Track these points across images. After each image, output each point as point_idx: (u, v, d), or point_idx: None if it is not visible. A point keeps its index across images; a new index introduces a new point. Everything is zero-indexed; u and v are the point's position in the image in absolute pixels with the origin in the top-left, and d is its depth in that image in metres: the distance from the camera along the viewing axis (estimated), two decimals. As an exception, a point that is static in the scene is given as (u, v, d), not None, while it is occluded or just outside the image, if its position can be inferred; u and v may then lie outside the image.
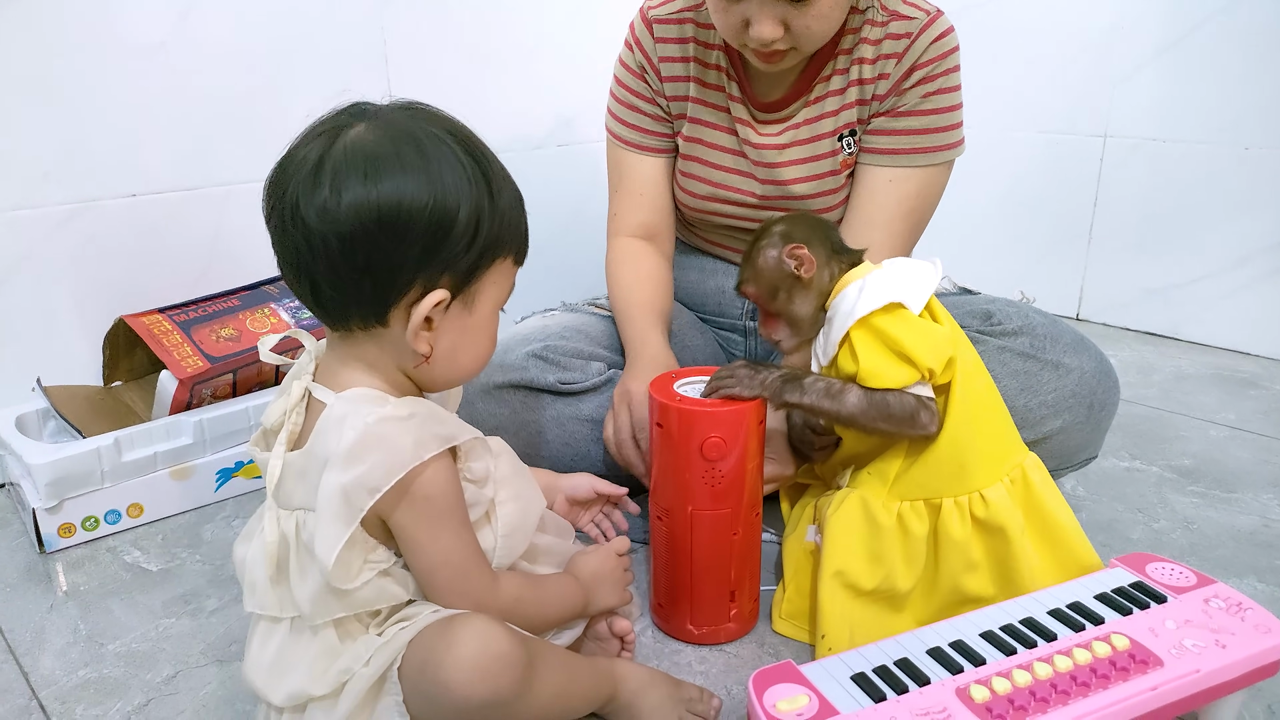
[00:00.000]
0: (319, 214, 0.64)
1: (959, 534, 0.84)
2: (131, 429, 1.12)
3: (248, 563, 0.71)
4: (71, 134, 1.24)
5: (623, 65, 1.18)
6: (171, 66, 1.30)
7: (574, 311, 1.20)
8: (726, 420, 0.81)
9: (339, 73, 1.47)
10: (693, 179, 1.17)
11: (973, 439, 0.85)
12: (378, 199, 0.64)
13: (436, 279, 0.67)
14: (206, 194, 1.37)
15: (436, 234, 0.66)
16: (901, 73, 1.05)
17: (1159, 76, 1.70)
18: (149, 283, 1.31)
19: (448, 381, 0.75)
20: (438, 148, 0.67)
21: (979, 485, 0.85)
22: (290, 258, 0.67)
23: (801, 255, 0.86)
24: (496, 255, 0.70)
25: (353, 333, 0.69)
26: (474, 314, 0.71)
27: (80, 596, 1.00)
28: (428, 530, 0.68)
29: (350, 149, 0.65)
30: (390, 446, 0.65)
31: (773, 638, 0.90)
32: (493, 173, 0.69)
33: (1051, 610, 0.78)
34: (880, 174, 1.09)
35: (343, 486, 0.64)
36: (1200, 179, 1.68)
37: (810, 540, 0.92)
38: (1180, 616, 0.76)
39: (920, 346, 0.81)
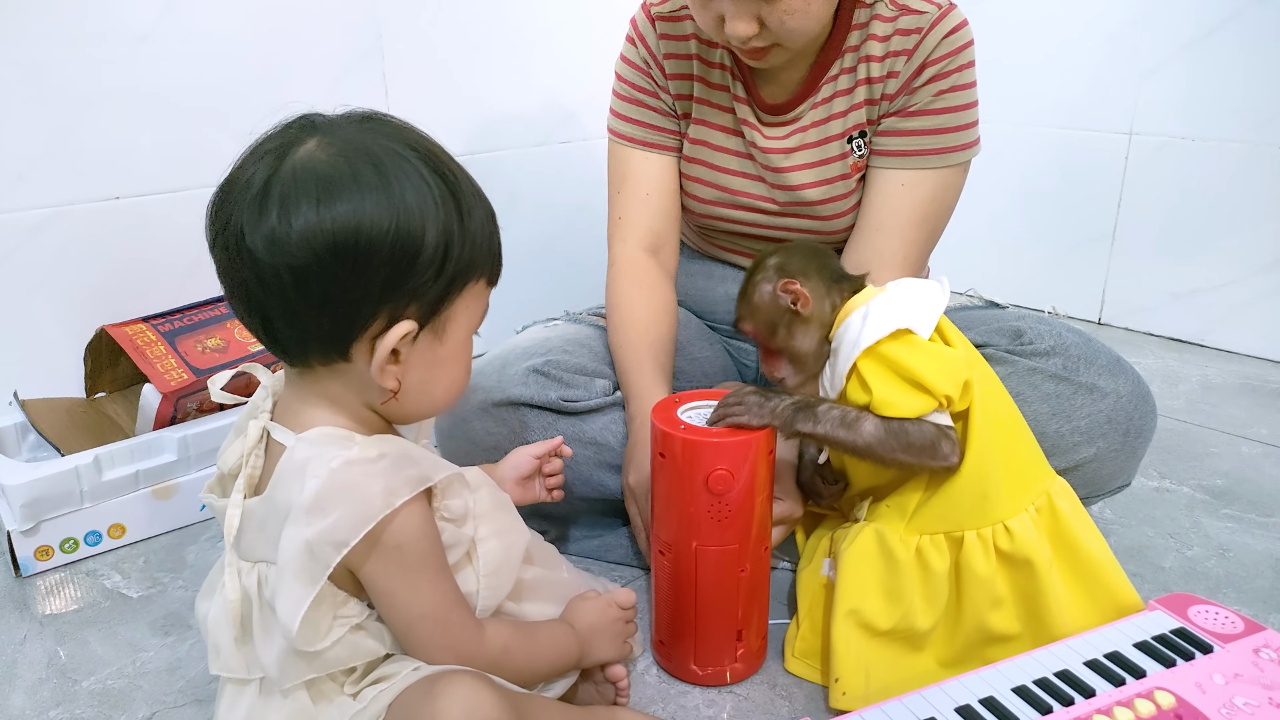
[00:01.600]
0: (267, 244, 0.58)
1: (983, 569, 0.79)
2: (112, 446, 1.07)
3: (210, 622, 0.66)
4: (49, 133, 1.19)
5: (625, 61, 1.12)
6: (156, 60, 1.25)
7: (577, 323, 1.14)
8: (733, 451, 0.76)
9: (333, 67, 1.41)
10: (698, 183, 1.11)
11: (995, 467, 0.79)
12: (332, 225, 0.57)
13: (402, 309, 0.61)
14: (193, 196, 1.31)
15: (401, 262, 0.59)
16: (912, 70, 0.99)
17: (1188, 71, 1.63)
18: (132, 290, 1.26)
19: (419, 415, 0.69)
20: (398, 165, 0.60)
21: (1003, 516, 0.79)
22: (239, 291, 0.61)
23: (796, 290, 0.82)
24: (468, 280, 0.64)
25: (312, 368, 0.64)
26: (445, 343, 0.65)
27: (56, 625, 0.95)
28: (403, 582, 0.62)
29: (300, 169, 0.59)
30: (357, 495, 0.59)
31: (785, 678, 0.85)
32: (461, 190, 0.63)
33: (1089, 661, 0.72)
34: (893, 177, 1.03)
35: (307, 542, 0.58)
36: (1230, 179, 1.61)
37: (825, 575, 0.86)
38: (1229, 669, 0.71)
39: (934, 372, 0.75)
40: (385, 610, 0.63)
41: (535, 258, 1.69)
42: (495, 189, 0.69)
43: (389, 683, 0.62)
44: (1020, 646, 0.78)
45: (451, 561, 0.67)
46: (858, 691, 0.78)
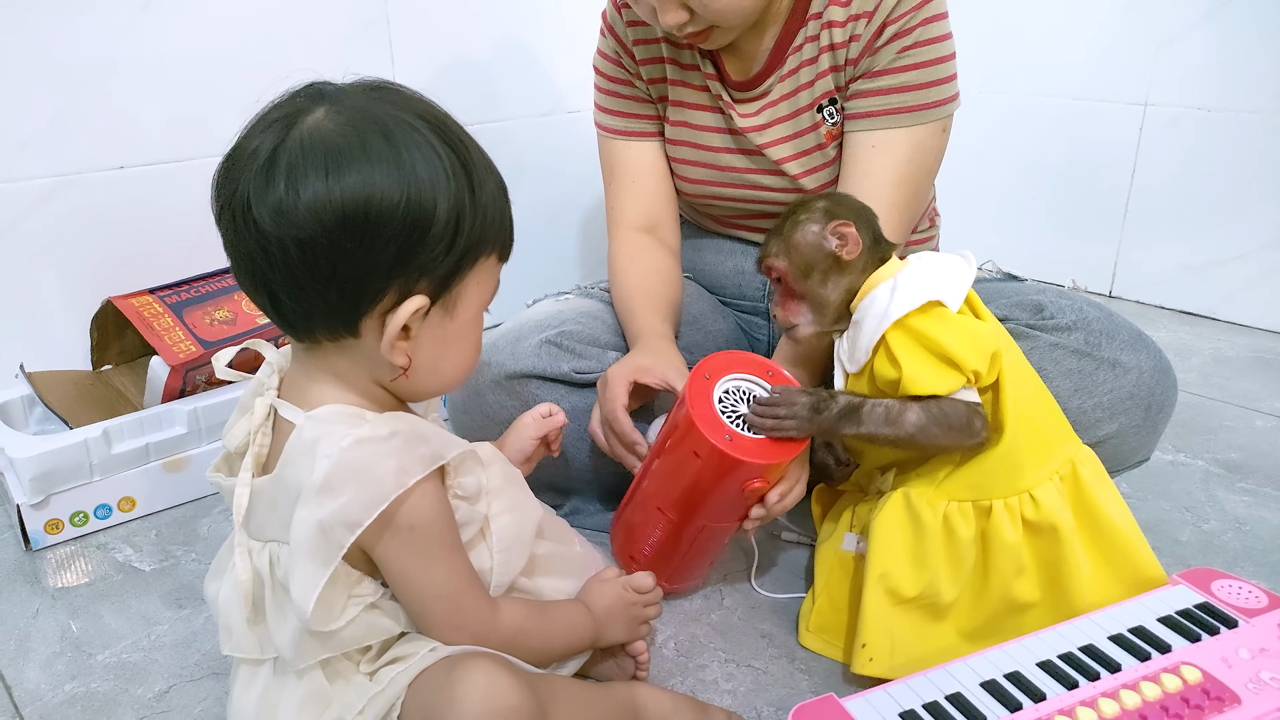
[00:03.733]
0: (274, 216, 0.56)
1: (1010, 538, 0.77)
2: (121, 419, 1.06)
3: (220, 602, 0.65)
4: (52, 102, 1.16)
5: (600, 55, 1.13)
6: (160, 29, 1.22)
7: (588, 296, 1.13)
8: (773, 470, 0.79)
9: (339, 34, 1.38)
10: (688, 164, 1.11)
11: (1023, 437, 0.78)
12: (341, 197, 0.56)
13: (413, 285, 0.59)
14: (199, 165, 1.29)
15: (411, 235, 0.58)
16: (873, 31, 0.97)
17: (1205, 41, 1.60)
18: (139, 260, 1.24)
19: (429, 392, 0.68)
20: (409, 136, 0.58)
21: (1029, 485, 0.78)
22: (244, 264, 0.59)
23: (848, 233, 0.80)
24: (479, 255, 0.62)
25: (320, 344, 0.62)
26: (456, 319, 0.63)
27: (69, 599, 0.95)
28: (416, 562, 0.61)
29: (308, 139, 0.57)
30: (369, 475, 0.58)
31: (803, 653, 0.85)
32: (473, 162, 0.61)
33: (1113, 635, 0.72)
34: (864, 140, 1.01)
35: (319, 522, 0.57)
36: (1246, 151, 1.59)
37: (847, 549, 0.86)
38: (1255, 644, 0.70)
39: (964, 348, 0.74)
40: (400, 590, 0.63)
41: (544, 228, 1.67)
42: (503, 159, 0.67)
43: (406, 663, 0.61)
44: (1041, 616, 0.78)
45: (465, 539, 0.66)
46: (883, 658, 0.78)
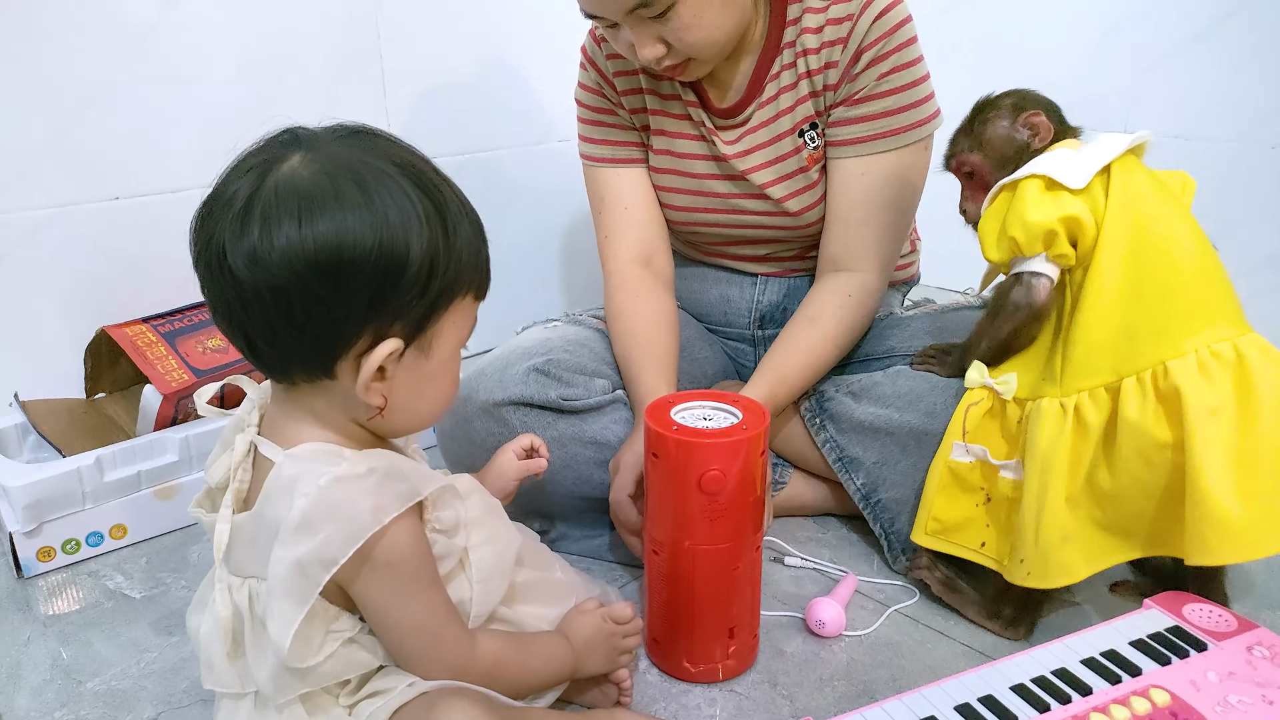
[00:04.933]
0: (248, 262, 0.57)
1: (1133, 415, 0.78)
2: (114, 447, 1.07)
3: (201, 637, 0.66)
4: (49, 132, 1.18)
5: (581, 87, 1.16)
6: (156, 60, 1.24)
7: (577, 324, 1.15)
8: (726, 452, 0.77)
9: (332, 65, 1.41)
10: (671, 191, 1.14)
11: (1144, 308, 0.80)
12: (314, 244, 0.57)
13: (387, 328, 0.61)
14: (192, 196, 1.29)
15: (385, 280, 0.59)
16: (849, 58, 1.00)
17: (1184, 69, 1.63)
18: (133, 290, 1.26)
19: (407, 430, 0.69)
20: (382, 181, 0.59)
21: (1164, 356, 0.79)
22: (221, 308, 0.61)
23: (1038, 123, 0.87)
24: (454, 296, 0.63)
25: (297, 385, 0.63)
26: (432, 359, 0.64)
27: (59, 627, 0.95)
28: (394, 597, 0.62)
29: (282, 186, 0.58)
30: (346, 513, 0.59)
31: (785, 678, 0.86)
32: (447, 206, 0.62)
33: (1085, 659, 0.73)
34: (851, 166, 1.04)
35: (296, 560, 0.58)
36: (1226, 178, 1.61)
37: (956, 459, 0.90)
38: (1223, 667, 0.72)
39: (1016, 218, 0.81)
40: (377, 625, 0.64)
41: (535, 256, 1.69)
42: (496, 187, 0.69)
43: (385, 697, 0.62)
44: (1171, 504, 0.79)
45: (444, 571, 0.67)
46: (1039, 572, 0.83)
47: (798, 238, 1.14)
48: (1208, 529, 0.75)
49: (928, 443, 0.97)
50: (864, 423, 1.02)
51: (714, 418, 0.82)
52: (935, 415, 0.97)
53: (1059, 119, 0.88)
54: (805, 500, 1.13)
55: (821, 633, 0.90)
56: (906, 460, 1.00)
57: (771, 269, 1.19)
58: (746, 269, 1.20)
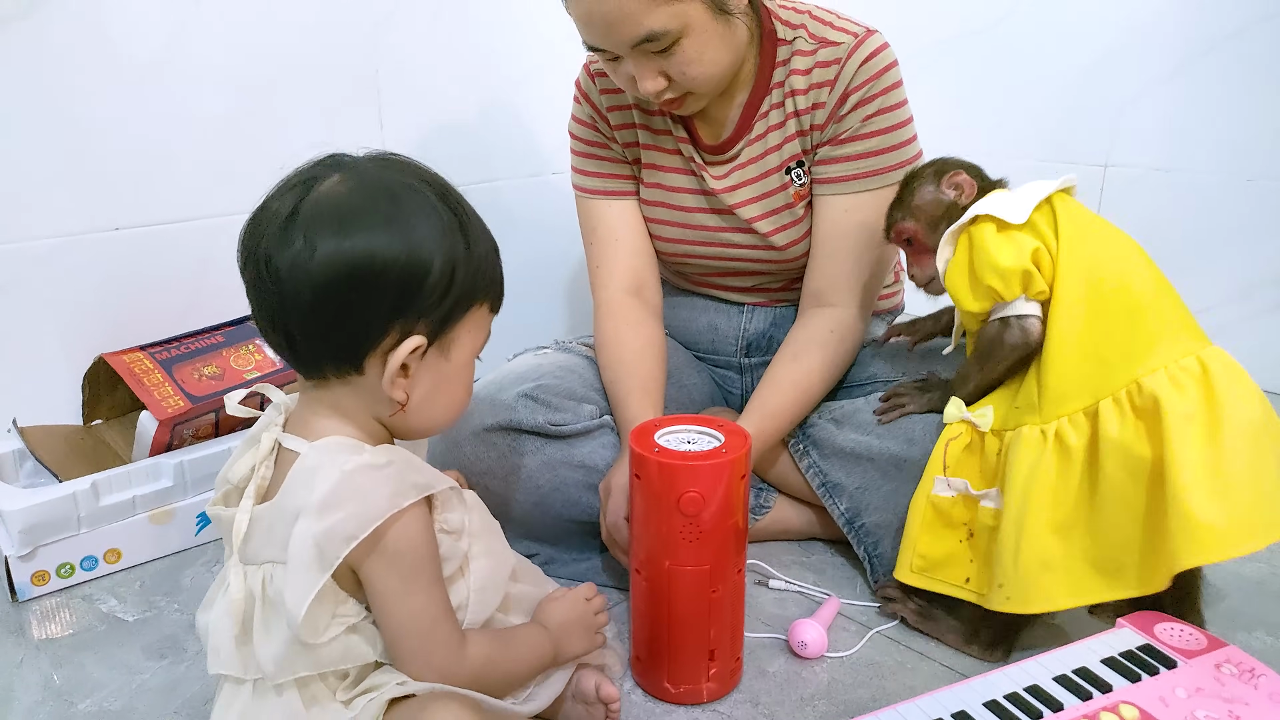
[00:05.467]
0: (291, 267, 0.64)
1: (1114, 433, 0.81)
2: (110, 472, 1.09)
3: (211, 628, 0.69)
4: (54, 165, 1.22)
5: (575, 120, 1.19)
6: (159, 95, 1.28)
7: (567, 351, 1.17)
8: (706, 474, 0.79)
9: (332, 99, 1.44)
10: (664, 224, 1.16)
11: (1109, 333, 0.84)
12: (350, 251, 0.63)
13: (412, 326, 0.67)
14: (193, 227, 1.34)
15: (409, 284, 0.65)
16: (836, 100, 1.03)
17: (1162, 105, 1.68)
18: (132, 318, 1.29)
19: (423, 430, 0.73)
20: (412, 198, 0.66)
21: (1136, 376, 0.82)
22: (264, 309, 0.67)
23: (961, 181, 0.91)
24: (472, 303, 0.70)
25: (327, 381, 0.69)
26: (450, 361, 0.71)
27: (52, 649, 0.97)
28: (399, 586, 0.66)
29: (323, 201, 0.65)
30: (365, 495, 0.64)
31: (767, 697, 0.87)
32: (468, 222, 0.69)
33: (1057, 676, 0.75)
34: (836, 204, 1.07)
35: (316, 535, 0.62)
36: (1203, 210, 1.65)
37: (939, 494, 0.91)
38: (1191, 684, 0.73)
39: (987, 266, 0.85)
40: (379, 612, 0.67)
41: (529, 285, 1.72)
42: (491, 218, 0.73)
43: (378, 693, 0.65)
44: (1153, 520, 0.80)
45: (446, 574, 0.70)
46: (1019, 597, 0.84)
47: (784, 270, 1.16)
48: (1182, 530, 0.77)
49: (908, 469, 0.99)
50: (846, 449, 1.05)
51: (697, 441, 0.84)
52: (914, 442, 0.99)
53: (981, 176, 0.94)
54: (790, 525, 1.14)
55: (804, 654, 0.91)
56: (888, 485, 1.02)
57: (758, 299, 1.22)
58: (733, 299, 1.23)
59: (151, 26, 1.25)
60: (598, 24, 0.94)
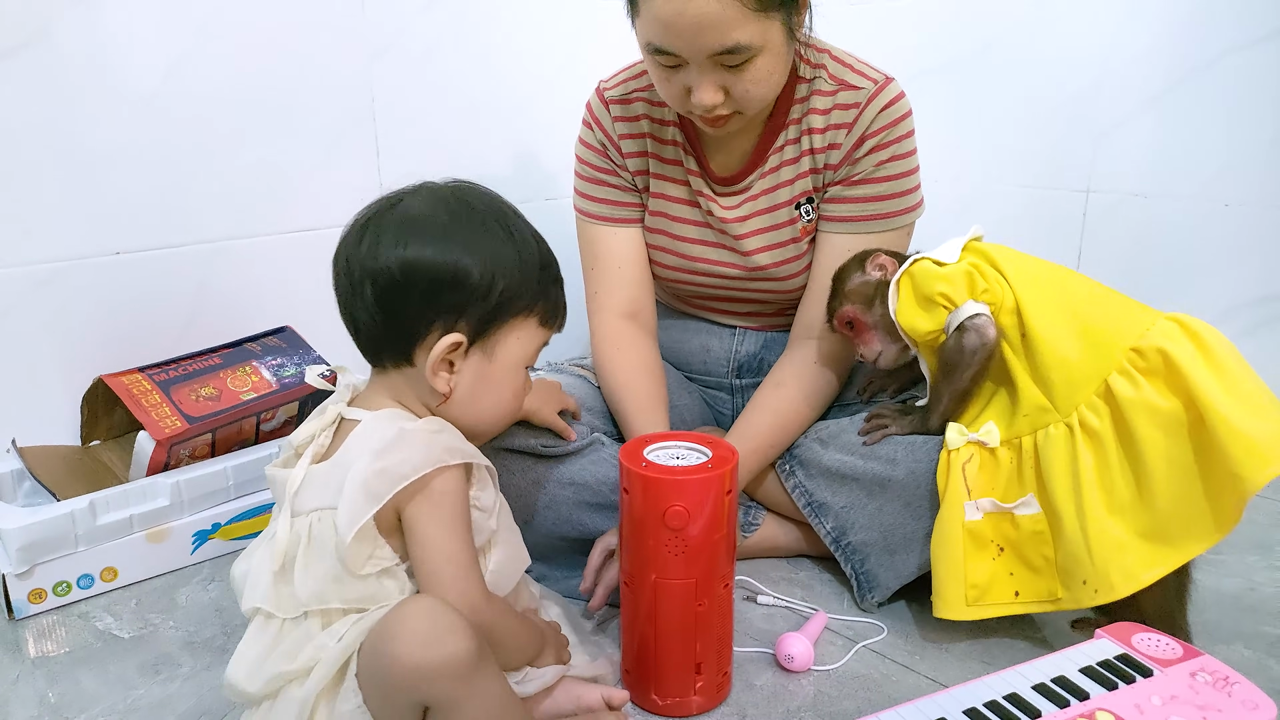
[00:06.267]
0: (360, 266, 0.75)
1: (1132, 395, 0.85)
2: (107, 491, 1.11)
3: (250, 570, 0.75)
4: (54, 191, 1.24)
5: (583, 144, 1.19)
6: (158, 122, 1.31)
7: (559, 373, 1.19)
8: (691, 489, 0.80)
9: (328, 129, 1.48)
10: (661, 251, 1.18)
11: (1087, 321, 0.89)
12: (407, 255, 0.74)
13: (454, 325, 0.76)
14: (191, 251, 1.37)
15: (452, 287, 0.75)
16: (853, 142, 1.06)
17: (1141, 132, 1.72)
18: (131, 341, 1.31)
19: (471, 425, 0.80)
20: (467, 216, 0.77)
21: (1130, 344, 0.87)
22: (342, 300, 0.79)
23: (883, 261, 0.98)
24: (516, 312, 0.78)
25: (386, 369, 0.79)
26: (494, 363, 0.79)
27: (48, 666, 0.98)
28: (441, 528, 0.73)
29: (393, 215, 0.76)
30: (419, 446, 0.73)
31: (754, 709, 0.88)
32: (519, 241, 0.79)
33: (1036, 685, 0.76)
34: (840, 242, 1.10)
35: (371, 473, 0.70)
36: (1182, 234, 1.69)
37: (972, 519, 0.93)
38: (1166, 692, 0.75)
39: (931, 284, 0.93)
40: (419, 550, 0.73)
41: (520, 310, 1.75)
42: None
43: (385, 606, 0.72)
44: None
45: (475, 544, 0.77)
46: (1106, 588, 0.87)
47: (781, 300, 1.19)
48: (1243, 451, 0.81)
49: (891, 488, 1.02)
50: (831, 469, 1.07)
51: (685, 457, 0.86)
52: (895, 463, 1.02)
53: (899, 255, 1.02)
54: (778, 542, 1.16)
55: (790, 667, 0.93)
56: (872, 504, 1.04)
57: (752, 324, 1.24)
58: (727, 322, 1.25)
59: (153, 56, 1.29)
60: (685, 26, 0.92)
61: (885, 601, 1.05)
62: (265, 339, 1.33)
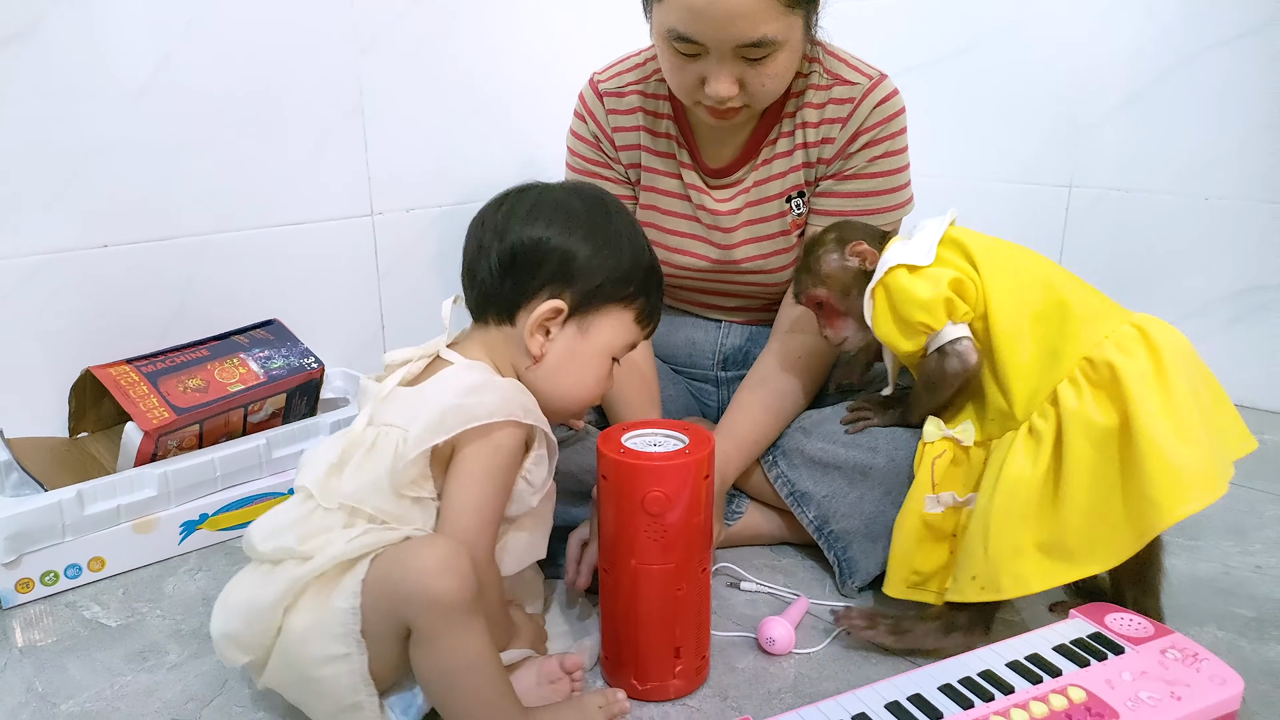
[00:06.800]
0: (493, 228, 0.85)
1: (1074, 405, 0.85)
2: (94, 481, 1.11)
3: (314, 456, 0.83)
4: (43, 184, 1.25)
5: (576, 136, 1.19)
6: (148, 116, 1.32)
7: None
8: (670, 474, 0.81)
9: (316, 125, 1.48)
10: (652, 244, 1.19)
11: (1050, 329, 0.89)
12: (530, 232, 0.83)
13: (559, 293, 0.83)
14: (178, 244, 1.37)
15: (563, 262, 0.83)
16: (846, 137, 1.07)
17: (1122, 128, 1.74)
18: (119, 333, 1.31)
19: (550, 396, 0.86)
20: (587, 210, 0.85)
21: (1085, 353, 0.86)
22: (466, 257, 0.87)
23: (863, 250, 0.96)
24: (614, 299, 0.86)
25: (488, 324, 0.86)
26: (587, 339, 0.85)
27: (35, 654, 0.98)
28: (480, 474, 0.78)
29: (524, 197, 0.86)
30: (501, 396, 0.79)
31: (735, 691, 0.90)
32: (636, 240, 0.88)
33: (1010, 663, 0.78)
34: None
35: (451, 407, 0.77)
36: (1163, 228, 1.71)
37: (930, 510, 0.94)
38: (1137, 668, 0.76)
39: (910, 305, 0.91)
40: (452, 488, 0.78)
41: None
42: None
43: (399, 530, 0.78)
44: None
45: (510, 512, 0.82)
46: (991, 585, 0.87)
47: (768, 293, 1.20)
48: (1163, 480, 0.79)
49: (872, 475, 1.03)
50: (813, 458, 1.08)
51: (663, 444, 0.87)
52: (876, 451, 1.03)
53: (878, 237, 1.00)
54: (761, 530, 1.17)
55: (772, 650, 0.94)
56: (854, 493, 1.05)
57: (738, 318, 1.25)
58: (713, 316, 1.27)
59: (142, 50, 1.30)
60: (715, 16, 0.92)
61: (866, 586, 1.07)
62: (253, 332, 1.33)
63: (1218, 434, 0.84)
